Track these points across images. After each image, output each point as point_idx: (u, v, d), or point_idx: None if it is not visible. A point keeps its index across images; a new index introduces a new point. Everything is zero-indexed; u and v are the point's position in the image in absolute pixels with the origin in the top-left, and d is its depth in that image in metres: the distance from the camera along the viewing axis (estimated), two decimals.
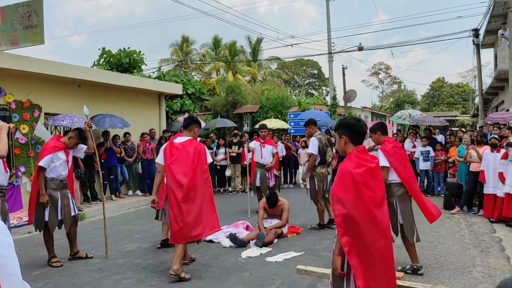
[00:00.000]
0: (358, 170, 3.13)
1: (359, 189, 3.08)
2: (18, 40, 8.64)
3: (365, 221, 3.09)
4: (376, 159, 3.28)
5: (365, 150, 3.32)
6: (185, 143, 5.69)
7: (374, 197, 3.13)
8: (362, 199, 3.08)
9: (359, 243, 3.08)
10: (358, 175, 3.11)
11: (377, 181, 3.21)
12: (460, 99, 56.74)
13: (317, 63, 55.31)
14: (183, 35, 40.33)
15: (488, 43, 23.49)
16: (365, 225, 3.08)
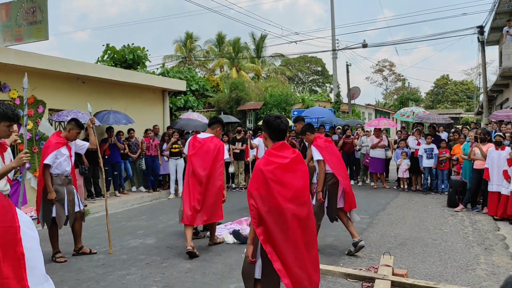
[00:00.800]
0: (268, 167, 3.35)
1: (268, 185, 3.31)
2: (22, 36, 8.66)
3: (276, 214, 3.30)
4: (294, 153, 3.47)
5: (284, 145, 3.50)
6: (207, 140, 6.50)
7: (286, 192, 3.34)
8: (272, 194, 3.30)
9: (272, 233, 3.30)
10: (267, 172, 3.34)
11: (293, 175, 3.41)
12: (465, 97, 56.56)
13: (321, 60, 55.24)
14: (187, 32, 40.32)
15: (493, 40, 23.36)
16: (277, 218, 3.30)
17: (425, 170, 12.15)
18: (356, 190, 12.87)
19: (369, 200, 10.95)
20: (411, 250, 6.54)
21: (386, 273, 4.43)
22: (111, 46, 16.97)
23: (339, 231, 7.73)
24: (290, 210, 3.32)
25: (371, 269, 4.73)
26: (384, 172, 13.55)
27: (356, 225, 8.20)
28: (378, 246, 6.77)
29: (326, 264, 5.52)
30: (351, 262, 5.97)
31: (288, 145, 3.58)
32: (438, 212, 9.48)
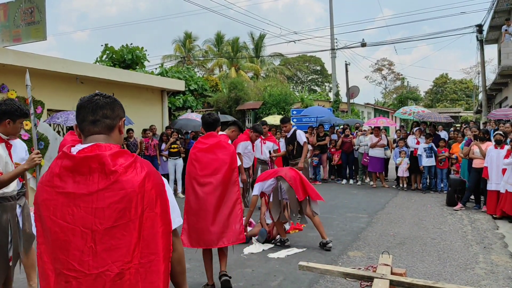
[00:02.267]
0: (193, 150, 4.89)
1: (191, 162, 4.86)
2: (20, 36, 8.65)
3: (193, 184, 4.83)
4: (216, 141, 4.86)
5: (210, 135, 4.88)
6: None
7: (201, 168, 4.78)
8: (191, 169, 4.84)
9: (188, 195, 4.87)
10: (191, 153, 4.88)
11: (211, 156, 4.80)
12: (464, 96, 56.57)
13: (320, 59, 55.20)
14: (186, 31, 40.34)
15: (492, 39, 23.38)
16: (194, 186, 4.81)
17: (425, 169, 12.15)
18: (355, 189, 12.93)
19: (368, 199, 10.96)
20: (410, 249, 6.55)
21: (384, 272, 4.42)
22: (110, 46, 16.96)
23: (338, 231, 7.74)
24: (203, 180, 4.73)
25: (370, 268, 4.72)
26: (383, 171, 13.56)
27: (355, 224, 8.23)
28: (377, 245, 6.77)
29: (325, 263, 5.53)
30: (350, 261, 5.97)
31: (215, 134, 4.89)
32: (437, 211, 9.48)
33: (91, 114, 2.01)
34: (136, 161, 1.91)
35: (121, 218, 1.81)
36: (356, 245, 6.84)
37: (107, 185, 1.82)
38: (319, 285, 5.12)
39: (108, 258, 1.79)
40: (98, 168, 1.83)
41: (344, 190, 12.61)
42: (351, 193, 12.07)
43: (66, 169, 1.85)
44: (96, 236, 1.79)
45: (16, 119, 3.95)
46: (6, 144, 4.04)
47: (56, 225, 1.82)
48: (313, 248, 6.64)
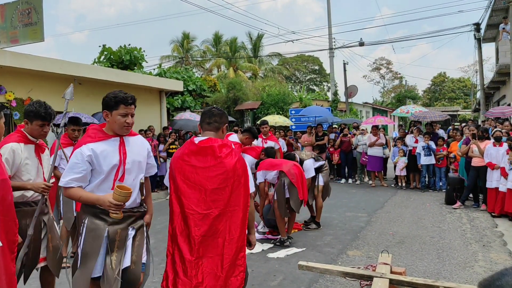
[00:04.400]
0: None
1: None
2: (18, 37, 8.64)
3: None
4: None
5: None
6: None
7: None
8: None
9: None
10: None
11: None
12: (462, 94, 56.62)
13: (318, 59, 55.21)
14: (184, 32, 40.29)
15: (489, 38, 23.39)
16: None
17: (423, 168, 12.16)
18: (354, 188, 12.94)
19: (367, 198, 10.96)
20: (409, 248, 6.55)
21: (384, 271, 4.43)
22: (108, 47, 16.93)
23: (337, 230, 7.74)
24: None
25: (369, 267, 4.73)
26: (382, 170, 13.56)
27: (354, 223, 8.24)
28: (376, 244, 6.77)
29: (324, 262, 5.53)
30: (349, 260, 5.97)
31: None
32: (436, 210, 9.49)
33: (208, 118, 3.37)
34: (232, 151, 3.27)
35: (221, 183, 3.18)
36: (355, 244, 6.84)
37: (215, 164, 3.20)
38: (319, 284, 5.12)
39: (212, 205, 3.16)
40: (211, 153, 3.21)
41: (343, 189, 12.60)
42: (350, 192, 12.07)
43: (192, 151, 3.25)
44: (206, 192, 3.17)
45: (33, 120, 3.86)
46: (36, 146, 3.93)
47: (184, 182, 3.21)
48: (312, 248, 6.64)
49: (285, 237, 6.79)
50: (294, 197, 6.63)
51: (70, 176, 3.05)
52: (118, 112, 3.15)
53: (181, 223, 3.22)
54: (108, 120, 3.19)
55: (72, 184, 3.06)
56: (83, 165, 3.06)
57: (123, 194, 2.92)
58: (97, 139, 3.15)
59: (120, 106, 3.15)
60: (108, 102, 3.15)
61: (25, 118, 3.86)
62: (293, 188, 6.61)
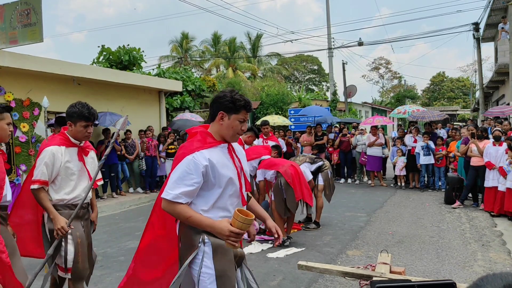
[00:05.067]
0: None
1: None
2: (17, 38, 8.61)
3: None
4: None
5: None
6: None
7: None
8: None
9: None
10: None
11: None
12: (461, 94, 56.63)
13: (317, 59, 55.20)
14: (183, 32, 40.28)
15: (488, 37, 23.42)
16: None
17: (422, 168, 12.17)
18: (353, 188, 12.94)
19: (366, 198, 10.97)
20: (409, 248, 6.56)
21: (383, 271, 4.43)
22: (107, 47, 16.93)
23: (336, 230, 7.75)
24: None
25: (369, 267, 4.73)
26: (381, 170, 13.57)
27: (353, 223, 8.24)
28: (375, 244, 6.78)
29: (324, 262, 5.53)
30: (349, 260, 5.98)
31: None
32: (435, 209, 9.50)
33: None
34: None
35: None
36: (355, 244, 6.84)
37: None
38: (319, 284, 5.12)
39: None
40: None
41: (342, 189, 12.60)
42: (350, 192, 12.07)
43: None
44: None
45: (76, 121, 3.72)
46: (79, 149, 3.80)
47: None
48: (311, 248, 6.64)
49: (285, 237, 6.79)
50: (290, 197, 6.64)
51: (180, 189, 2.59)
52: (238, 117, 2.76)
53: None
54: (222, 124, 2.76)
55: (181, 200, 2.60)
56: (196, 176, 2.61)
57: (247, 222, 2.47)
58: (208, 144, 2.74)
59: (242, 111, 2.77)
60: (228, 105, 2.74)
61: (68, 120, 3.74)
62: (289, 189, 6.62)
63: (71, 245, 3.66)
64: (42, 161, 3.61)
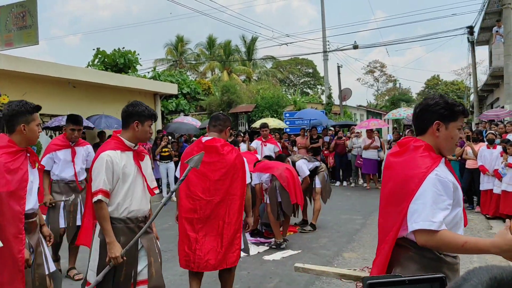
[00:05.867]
0: None
1: None
2: (12, 40, 8.61)
3: None
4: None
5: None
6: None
7: None
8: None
9: None
10: None
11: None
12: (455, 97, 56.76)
13: (312, 62, 55.33)
14: (178, 35, 40.28)
15: (482, 40, 23.58)
16: None
17: None
18: (349, 191, 12.96)
19: (362, 201, 10.98)
20: None
21: None
22: (102, 50, 16.90)
23: (332, 232, 7.75)
24: None
25: (365, 269, 4.75)
26: (376, 173, 13.59)
27: (349, 225, 8.25)
28: (371, 247, 6.78)
29: (320, 264, 5.53)
30: (345, 262, 5.99)
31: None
32: None
33: (214, 121, 4.14)
34: (232, 149, 4.06)
35: (222, 175, 3.92)
36: (351, 246, 6.85)
37: (218, 159, 3.94)
38: (315, 286, 5.13)
39: (215, 193, 3.91)
40: (215, 151, 3.94)
41: (338, 192, 12.60)
42: (345, 195, 12.09)
43: (200, 148, 3.91)
44: (211, 182, 3.91)
45: (144, 121, 3.42)
46: (134, 153, 3.43)
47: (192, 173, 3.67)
48: (308, 250, 6.64)
49: (281, 239, 6.79)
50: (285, 201, 6.64)
51: (440, 214, 2.14)
52: (456, 125, 2.35)
53: (186, 207, 3.97)
54: (438, 135, 2.32)
55: (444, 227, 2.13)
56: (448, 198, 2.19)
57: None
58: (437, 160, 2.30)
59: (460, 117, 2.36)
60: (444, 112, 2.31)
61: (136, 120, 3.37)
62: (284, 192, 6.61)
63: (144, 267, 3.36)
64: (102, 168, 3.21)
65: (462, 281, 0.83)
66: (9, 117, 3.26)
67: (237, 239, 4.06)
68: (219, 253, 3.93)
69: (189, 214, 3.98)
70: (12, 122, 3.27)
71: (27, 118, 3.28)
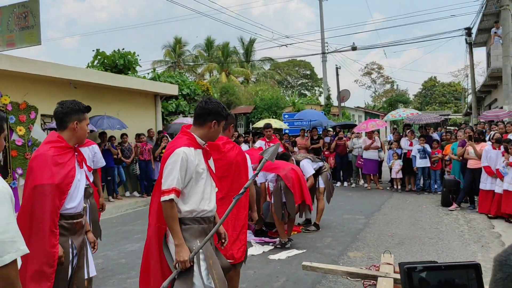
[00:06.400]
0: None
1: None
2: (14, 41, 8.59)
3: None
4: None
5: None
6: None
7: None
8: None
9: None
10: None
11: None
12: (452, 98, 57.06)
13: (310, 64, 55.41)
14: (175, 37, 40.31)
15: (480, 42, 23.65)
16: None
17: (419, 171, 12.23)
18: (350, 191, 12.97)
19: (363, 201, 10.99)
20: (409, 249, 6.58)
21: (388, 271, 4.45)
22: (101, 51, 16.87)
23: (336, 232, 7.76)
24: None
25: (372, 267, 4.75)
26: (377, 173, 13.61)
27: (352, 225, 8.26)
28: (376, 246, 6.79)
29: (326, 263, 5.54)
30: (350, 261, 5.99)
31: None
32: (433, 212, 9.54)
33: None
34: (234, 147, 4.07)
35: (224, 172, 3.90)
36: (355, 245, 6.86)
37: (220, 157, 3.86)
38: (322, 285, 5.13)
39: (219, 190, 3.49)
40: (216, 148, 3.85)
41: (339, 192, 12.61)
42: (346, 195, 12.10)
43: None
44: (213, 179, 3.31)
45: (221, 121, 3.27)
46: (203, 152, 3.25)
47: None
48: (313, 249, 6.65)
49: (285, 239, 6.79)
50: (290, 201, 6.62)
51: None
52: None
53: None
54: None
55: None
56: None
57: None
58: None
59: None
60: None
61: (215, 119, 3.20)
62: (288, 193, 6.60)
63: (204, 269, 3.07)
64: (176, 165, 3.00)
65: (510, 249, 0.81)
66: (63, 114, 3.29)
67: (242, 235, 4.05)
68: (226, 249, 3.78)
69: None
70: (65, 119, 3.30)
71: (80, 116, 3.33)
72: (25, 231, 2.80)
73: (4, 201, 1.94)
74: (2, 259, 1.86)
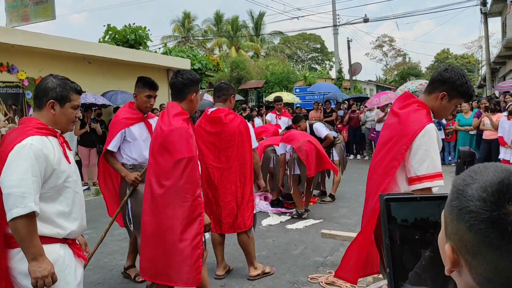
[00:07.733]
0: None
1: None
2: (29, 16, 8.61)
3: None
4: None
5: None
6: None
7: None
8: None
9: None
10: None
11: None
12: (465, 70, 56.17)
13: (320, 37, 54.77)
14: (184, 11, 39.96)
15: (495, 12, 23.19)
16: None
17: None
18: (364, 164, 12.96)
19: None
20: None
21: None
22: (112, 26, 16.84)
23: (352, 203, 7.82)
24: None
25: None
26: None
27: None
28: None
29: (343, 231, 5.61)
30: None
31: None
32: (448, 183, 9.51)
33: (217, 92, 4.34)
34: (235, 117, 4.24)
35: (228, 142, 4.18)
36: None
37: (222, 129, 4.18)
38: (340, 252, 5.19)
39: (224, 160, 4.21)
40: (219, 120, 4.19)
41: (353, 165, 12.63)
42: (360, 168, 12.09)
43: (206, 120, 4.25)
44: (220, 150, 4.20)
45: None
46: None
47: (203, 144, 4.18)
48: (329, 219, 6.73)
49: (302, 209, 6.86)
50: (303, 173, 6.65)
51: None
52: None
53: (204, 173, 4.16)
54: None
55: None
56: None
57: None
58: None
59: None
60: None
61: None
62: (302, 165, 6.62)
63: None
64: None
65: (470, 180, 0.82)
66: (182, 85, 3.32)
67: (250, 202, 4.35)
68: (235, 215, 4.27)
69: (207, 180, 4.28)
70: (185, 90, 3.32)
71: (196, 88, 3.38)
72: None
73: (27, 158, 2.05)
74: (10, 212, 2.00)
